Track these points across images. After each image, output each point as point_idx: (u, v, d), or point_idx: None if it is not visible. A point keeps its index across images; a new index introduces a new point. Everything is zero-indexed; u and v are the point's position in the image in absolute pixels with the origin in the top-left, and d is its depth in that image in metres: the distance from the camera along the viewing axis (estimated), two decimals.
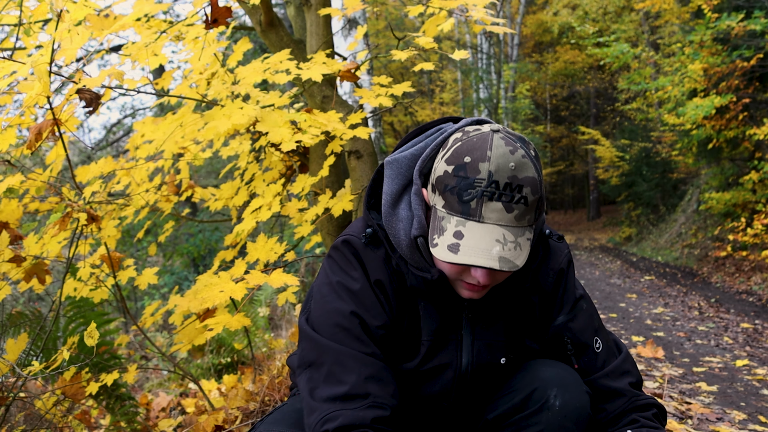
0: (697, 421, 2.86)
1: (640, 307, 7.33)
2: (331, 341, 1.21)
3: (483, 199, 1.10)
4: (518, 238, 1.13)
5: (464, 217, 1.12)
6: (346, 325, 1.22)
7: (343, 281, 1.26)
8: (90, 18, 1.93)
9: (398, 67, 18.93)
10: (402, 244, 1.24)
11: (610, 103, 24.23)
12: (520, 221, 1.13)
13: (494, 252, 1.10)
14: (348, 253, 1.28)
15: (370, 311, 1.23)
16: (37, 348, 2.97)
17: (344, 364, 1.19)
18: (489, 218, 1.11)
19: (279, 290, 5.59)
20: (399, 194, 1.27)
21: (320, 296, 1.28)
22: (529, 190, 1.11)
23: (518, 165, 1.11)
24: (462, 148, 1.14)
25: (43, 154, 7.36)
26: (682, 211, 14.73)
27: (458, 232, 1.12)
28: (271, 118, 2.08)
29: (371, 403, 1.17)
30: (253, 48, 9.43)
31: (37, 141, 1.89)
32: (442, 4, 2.29)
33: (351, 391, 1.17)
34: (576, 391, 1.25)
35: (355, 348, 1.20)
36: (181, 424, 2.98)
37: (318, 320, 1.25)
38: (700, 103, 9.28)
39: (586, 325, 1.37)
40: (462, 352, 1.30)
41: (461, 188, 1.11)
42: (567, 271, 1.37)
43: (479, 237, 1.11)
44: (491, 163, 1.10)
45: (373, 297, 1.25)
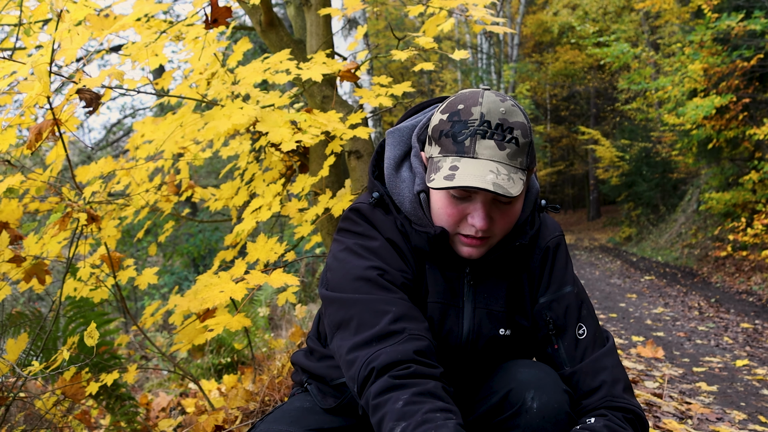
0: (697, 421, 2.86)
1: (640, 307, 7.33)
2: (356, 294, 1.22)
3: (476, 137, 1.17)
4: (511, 174, 1.17)
5: (459, 155, 1.18)
6: (369, 276, 1.23)
7: (359, 242, 1.29)
8: (90, 18, 1.93)
9: (398, 67, 18.93)
10: (405, 201, 1.30)
11: (610, 103, 24.23)
12: (512, 160, 1.18)
13: (488, 178, 1.14)
14: (358, 218, 1.33)
15: (390, 263, 1.26)
16: (37, 348, 2.97)
17: (374, 310, 1.19)
18: (482, 154, 1.17)
19: (279, 290, 5.59)
20: (401, 159, 1.34)
21: (337, 262, 1.29)
22: (519, 132, 1.18)
23: (508, 110, 1.19)
24: (455, 100, 1.23)
25: (43, 154, 7.36)
26: (682, 211, 14.73)
27: (454, 166, 1.17)
28: (271, 118, 2.08)
29: (408, 336, 1.17)
30: (253, 48, 9.44)
31: (37, 141, 1.89)
32: (442, 4, 2.29)
33: (385, 329, 1.17)
34: (553, 392, 1.24)
35: (381, 295, 1.21)
36: (181, 424, 2.98)
37: (339, 282, 1.26)
38: (700, 103, 9.28)
39: (572, 308, 1.34)
40: (464, 319, 1.32)
41: (456, 131, 1.19)
42: (555, 250, 1.38)
43: (474, 167, 1.16)
44: (483, 107, 1.18)
45: (391, 250, 1.28)
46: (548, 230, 1.40)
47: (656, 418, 2.74)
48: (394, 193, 1.31)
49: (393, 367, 1.13)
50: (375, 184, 1.35)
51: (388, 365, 1.13)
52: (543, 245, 1.38)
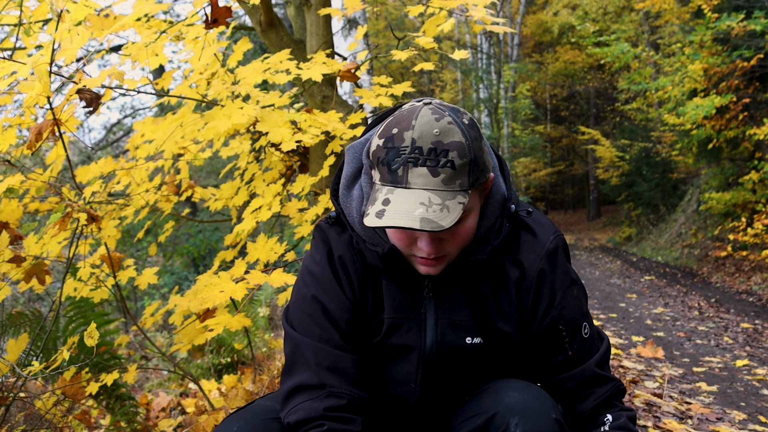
0: (697, 421, 2.86)
1: (640, 307, 7.33)
2: (296, 332, 1.28)
3: (408, 166, 1.14)
4: (446, 201, 1.14)
5: (393, 185, 1.16)
6: (309, 311, 1.28)
7: (309, 266, 1.33)
8: (90, 18, 1.93)
9: (398, 67, 18.93)
10: (355, 221, 1.29)
11: (610, 103, 24.23)
12: (449, 185, 1.14)
13: (416, 214, 1.12)
14: (317, 236, 1.36)
15: (329, 294, 1.29)
16: (37, 348, 2.97)
17: (304, 354, 1.26)
18: (415, 183, 1.14)
19: (279, 290, 5.59)
20: (354, 177, 1.33)
21: (295, 286, 1.36)
22: (455, 154, 1.13)
23: (443, 131, 1.14)
24: (392, 122, 1.19)
25: (43, 154, 7.36)
26: (682, 211, 14.73)
27: (386, 199, 1.15)
28: (271, 118, 2.08)
29: (327, 393, 1.23)
30: (253, 48, 9.43)
31: (37, 141, 1.89)
32: (442, 4, 2.29)
33: (308, 381, 1.24)
34: (540, 420, 1.20)
35: (315, 336, 1.26)
36: (181, 424, 2.98)
37: (291, 309, 1.33)
38: (700, 103, 9.28)
39: (577, 314, 1.34)
40: (426, 331, 1.30)
41: (390, 158, 1.15)
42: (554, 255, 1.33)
43: (404, 201, 1.13)
44: (414, 131, 1.14)
45: (332, 279, 1.30)
46: (537, 244, 1.33)
47: (656, 418, 2.74)
48: (346, 212, 1.31)
49: (305, 424, 1.21)
50: (334, 203, 1.35)
51: (301, 422, 1.21)
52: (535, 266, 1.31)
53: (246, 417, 1.31)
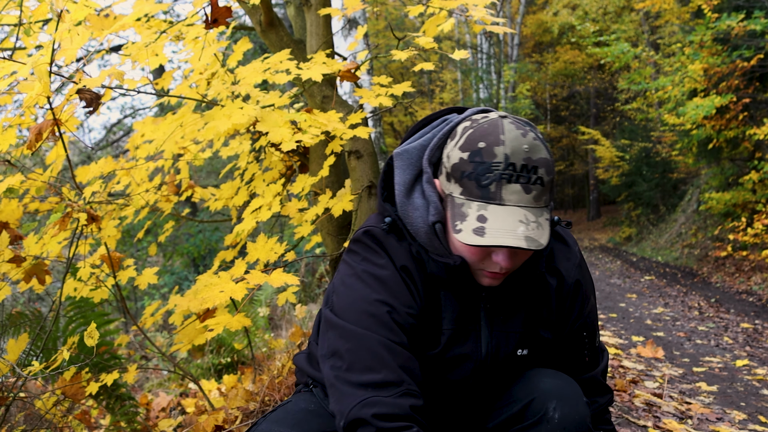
0: (697, 421, 2.86)
1: (640, 307, 7.33)
2: (359, 328, 1.19)
3: (502, 182, 1.12)
4: (539, 218, 1.14)
5: (485, 201, 1.13)
6: (374, 311, 1.20)
7: (369, 269, 1.25)
8: (90, 18, 1.93)
9: (398, 67, 18.93)
10: (420, 231, 1.24)
11: (610, 103, 24.23)
12: (538, 202, 1.14)
13: (519, 232, 1.11)
14: (371, 242, 1.28)
15: (398, 298, 1.22)
16: (37, 348, 2.97)
17: (375, 350, 1.17)
18: (509, 200, 1.12)
19: (279, 290, 5.59)
20: (411, 184, 1.28)
21: (345, 287, 1.26)
22: (543, 171, 1.13)
23: (531, 147, 1.13)
24: (474, 135, 1.16)
25: (43, 154, 7.36)
26: (682, 211, 14.73)
27: (481, 215, 1.13)
28: (271, 118, 2.08)
29: (405, 391, 1.15)
30: (253, 48, 9.43)
31: (37, 141, 1.89)
32: (442, 4, 2.29)
33: (384, 378, 1.15)
34: (575, 404, 1.25)
35: (383, 335, 1.18)
36: (181, 424, 2.98)
37: (344, 309, 1.23)
38: (700, 103, 9.28)
39: (595, 321, 1.43)
40: (481, 342, 1.30)
41: (479, 173, 1.13)
42: (582, 264, 1.39)
43: (503, 219, 1.12)
44: (506, 146, 1.12)
45: (401, 283, 1.24)
46: (571, 242, 1.38)
47: (656, 418, 2.74)
48: (407, 221, 1.26)
49: (388, 419, 1.11)
50: (386, 208, 1.30)
51: (382, 416, 1.11)
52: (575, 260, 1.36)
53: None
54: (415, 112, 22.15)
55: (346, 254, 1.32)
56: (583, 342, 1.38)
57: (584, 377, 1.39)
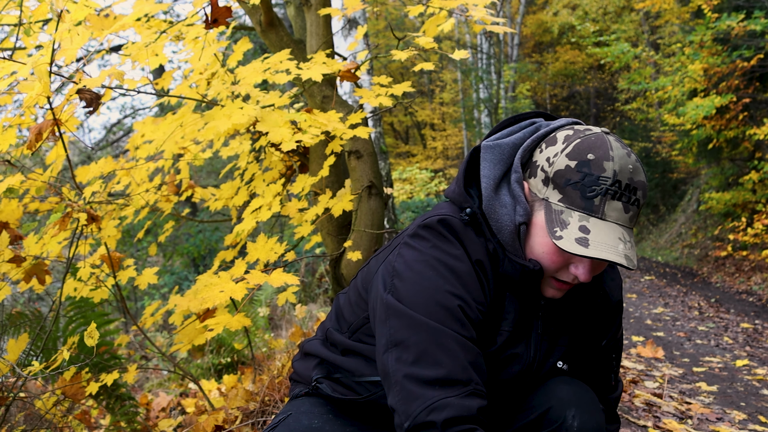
0: (697, 421, 2.86)
1: (640, 307, 7.33)
2: (429, 319, 1.14)
3: (607, 197, 1.12)
4: (631, 239, 1.15)
5: (587, 213, 1.13)
6: (447, 304, 1.16)
7: (443, 259, 1.19)
8: (90, 18, 1.93)
9: (398, 67, 18.93)
10: (504, 230, 1.22)
11: (610, 103, 24.22)
12: (631, 222, 1.16)
13: (620, 249, 1.12)
14: (446, 231, 1.22)
15: (472, 293, 1.19)
16: (37, 348, 2.97)
17: (444, 345, 1.13)
18: (610, 216, 1.13)
19: (279, 290, 5.59)
20: (500, 180, 1.25)
21: (413, 273, 1.19)
22: (641, 194, 1.15)
23: (635, 168, 1.14)
24: (583, 145, 1.15)
25: (43, 154, 7.36)
26: (682, 211, 14.73)
27: (583, 226, 1.13)
28: (271, 118, 2.08)
29: (473, 390, 1.12)
30: (253, 48, 9.43)
31: (38, 141, 1.89)
32: (442, 4, 2.29)
33: (452, 375, 1.11)
34: (593, 412, 1.27)
35: (455, 329, 1.15)
36: (181, 424, 2.98)
37: (412, 296, 1.17)
38: (700, 103, 9.28)
39: (622, 342, 1.44)
40: (531, 349, 1.30)
41: (585, 184, 1.13)
42: (622, 287, 1.40)
43: (605, 233, 1.12)
44: (615, 163, 1.12)
45: (475, 278, 1.21)
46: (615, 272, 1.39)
47: (656, 418, 2.74)
48: (491, 217, 1.22)
49: (457, 423, 1.08)
50: (467, 199, 1.25)
51: (453, 420, 1.08)
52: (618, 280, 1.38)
53: None
54: (415, 112, 22.16)
55: (412, 239, 1.24)
56: (611, 363, 1.39)
57: (605, 398, 1.40)
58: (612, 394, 1.43)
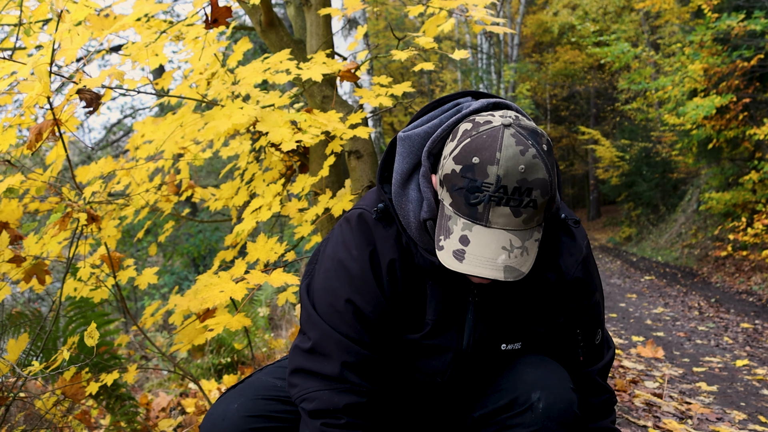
0: (697, 421, 2.86)
1: (640, 307, 7.33)
2: (322, 319, 1.25)
3: (490, 204, 1.07)
4: (525, 242, 1.10)
5: (471, 220, 1.10)
6: (339, 308, 1.25)
7: (344, 261, 1.26)
8: (90, 18, 1.93)
9: (398, 67, 18.93)
10: (411, 225, 1.23)
11: (610, 103, 24.22)
12: (528, 224, 1.10)
13: (500, 261, 1.08)
14: (357, 228, 1.27)
15: (364, 296, 1.25)
16: (37, 348, 2.97)
17: (329, 346, 1.24)
18: (496, 223, 1.08)
19: (279, 290, 5.59)
20: (409, 173, 1.25)
21: (322, 269, 1.30)
22: (538, 193, 1.08)
23: (528, 167, 1.06)
24: (470, 146, 1.09)
25: (43, 154, 7.36)
26: (682, 211, 14.73)
27: (464, 237, 1.10)
28: (271, 118, 2.08)
29: (347, 389, 1.23)
30: (253, 48, 9.43)
31: (38, 141, 1.89)
32: (442, 4, 2.29)
33: (329, 372, 1.23)
34: (560, 392, 1.26)
35: (343, 332, 1.24)
36: (181, 424, 2.98)
37: (316, 294, 1.29)
38: (701, 103, 9.28)
39: (596, 318, 1.38)
40: (464, 334, 1.30)
41: (468, 190, 1.08)
42: (588, 260, 1.35)
43: (485, 244, 1.08)
44: (500, 167, 1.05)
45: (370, 280, 1.25)
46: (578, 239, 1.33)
47: (656, 418, 2.74)
48: (400, 212, 1.23)
49: (322, 415, 1.22)
50: (381, 192, 1.27)
51: (318, 412, 1.22)
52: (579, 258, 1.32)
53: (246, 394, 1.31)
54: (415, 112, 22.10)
55: (337, 227, 1.33)
56: (576, 339, 1.36)
57: (579, 372, 1.37)
58: (592, 367, 1.38)
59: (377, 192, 1.30)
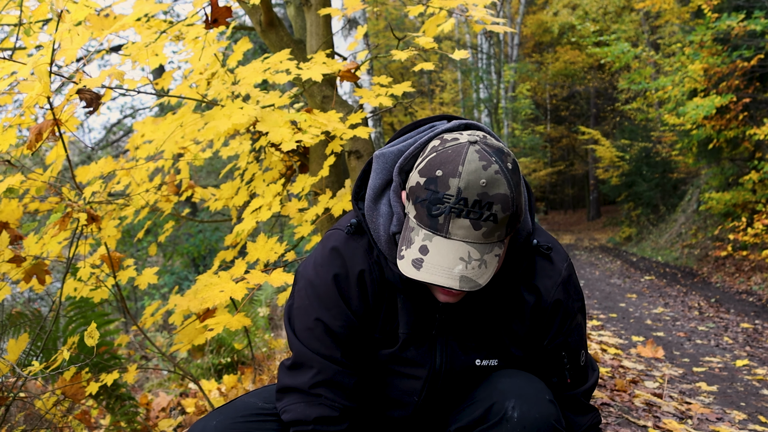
0: (697, 421, 2.86)
1: (640, 307, 7.33)
2: (297, 338, 1.32)
3: (450, 216, 1.10)
4: (484, 256, 1.12)
5: (431, 231, 1.12)
6: (310, 326, 1.30)
7: (312, 279, 1.31)
8: (90, 18, 1.93)
9: (398, 67, 18.93)
10: (381, 239, 1.27)
11: (610, 103, 24.23)
12: (488, 238, 1.12)
13: (456, 271, 1.10)
14: (328, 247, 1.32)
15: (332, 311, 1.29)
16: (37, 348, 2.97)
17: (305, 362, 1.30)
18: (456, 234, 1.11)
19: (279, 290, 5.59)
20: (382, 189, 1.29)
21: (296, 289, 1.36)
22: (499, 207, 1.10)
23: (490, 182, 1.09)
24: (435, 160, 1.13)
25: (43, 154, 7.35)
26: (682, 211, 14.73)
27: (424, 246, 1.13)
28: (271, 118, 2.08)
29: (320, 402, 1.28)
30: (253, 48, 9.43)
31: (38, 141, 1.89)
32: (442, 4, 2.29)
33: (303, 387, 1.30)
34: (536, 402, 1.24)
35: (315, 349, 1.29)
36: (181, 424, 2.98)
37: (293, 313, 1.35)
38: (701, 103, 9.28)
39: (579, 341, 1.39)
40: (436, 352, 1.32)
41: (431, 202, 1.11)
42: (568, 283, 1.35)
43: (443, 254, 1.11)
44: (461, 180, 1.09)
45: (336, 297, 1.29)
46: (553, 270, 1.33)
47: (656, 418, 2.74)
48: (371, 227, 1.28)
49: (295, 424, 1.29)
50: (355, 208, 1.32)
51: (292, 422, 1.30)
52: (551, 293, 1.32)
53: (226, 413, 1.35)
54: (415, 112, 22.13)
55: (319, 243, 1.38)
56: (561, 362, 1.35)
57: (566, 395, 1.37)
58: (578, 389, 1.38)
59: (353, 209, 1.35)
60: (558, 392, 1.36)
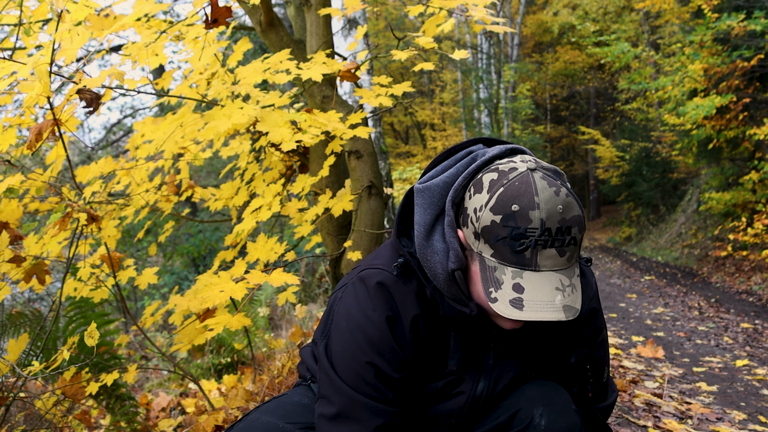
0: (697, 421, 2.86)
1: (640, 307, 7.33)
2: (345, 384, 1.23)
3: (537, 249, 1.08)
4: (572, 279, 1.12)
5: (520, 267, 1.10)
6: (361, 373, 1.23)
7: (363, 326, 1.24)
8: (90, 18, 1.93)
9: (398, 67, 18.94)
10: (439, 277, 1.21)
11: (610, 103, 24.23)
12: (570, 261, 1.12)
13: (557, 302, 1.09)
14: (374, 289, 1.26)
15: (386, 357, 1.23)
16: (37, 348, 2.97)
17: (356, 410, 1.22)
18: (545, 266, 1.09)
19: (279, 290, 5.59)
20: (432, 224, 1.23)
21: (339, 331, 1.27)
22: (577, 229, 1.10)
23: (565, 206, 1.08)
24: (506, 195, 1.10)
25: (43, 154, 7.36)
26: (682, 211, 14.73)
27: (517, 284, 1.10)
28: (271, 118, 2.08)
29: None
30: (253, 48, 9.43)
31: (38, 141, 1.89)
32: (442, 4, 2.29)
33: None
34: (563, 411, 1.24)
35: (367, 393, 1.22)
36: (181, 424, 2.98)
37: (336, 357, 1.26)
38: (701, 103, 9.28)
39: (604, 357, 1.40)
40: (479, 380, 1.31)
41: (513, 238, 1.08)
42: (598, 297, 1.38)
43: (539, 288, 1.09)
44: (541, 211, 1.07)
45: (391, 342, 1.23)
46: (589, 279, 1.35)
47: (656, 418, 2.74)
48: (425, 265, 1.22)
49: None
50: (400, 246, 1.26)
51: None
52: (590, 294, 1.34)
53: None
54: (415, 112, 22.16)
55: (351, 284, 1.30)
56: (586, 375, 1.36)
57: (586, 408, 1.38)
58: (597, 404, 1.39)
59: (392, 247, 1.30)
60: (578, 405, 1.36)
